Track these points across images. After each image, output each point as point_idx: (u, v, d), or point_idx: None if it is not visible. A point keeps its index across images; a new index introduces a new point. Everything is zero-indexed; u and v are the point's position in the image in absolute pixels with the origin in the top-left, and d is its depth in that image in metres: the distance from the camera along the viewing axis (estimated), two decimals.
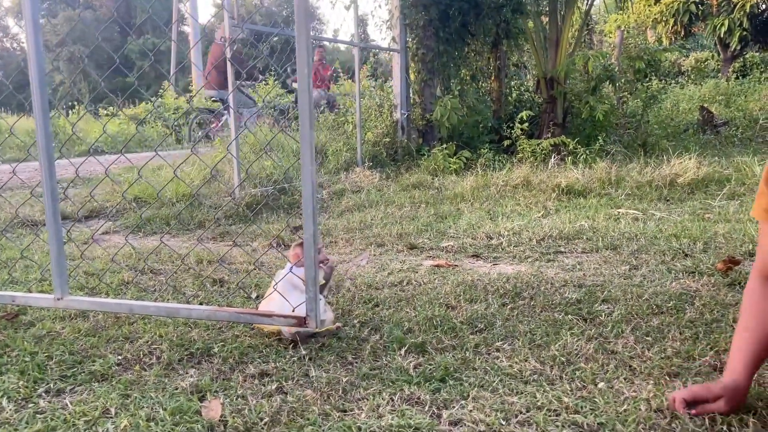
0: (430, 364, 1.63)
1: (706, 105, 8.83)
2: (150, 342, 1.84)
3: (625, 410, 1.36)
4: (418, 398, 1.46)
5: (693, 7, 12.66)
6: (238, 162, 4.17)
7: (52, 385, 1.56)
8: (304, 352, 1.72)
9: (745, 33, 11.44)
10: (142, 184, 4.33)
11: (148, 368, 1.66)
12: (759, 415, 1.32)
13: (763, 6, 11.69)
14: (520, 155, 5.88)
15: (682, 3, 12.61)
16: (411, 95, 6.54)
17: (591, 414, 1.35)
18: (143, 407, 1.43)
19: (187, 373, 1.63)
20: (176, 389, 1.53)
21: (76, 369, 1.66)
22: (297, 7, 1.59)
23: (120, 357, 1.74)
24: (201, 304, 2.22)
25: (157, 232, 3.64)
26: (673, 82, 12.02)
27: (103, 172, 2.26)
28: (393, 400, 1.45)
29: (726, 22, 11.54)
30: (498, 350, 1.73)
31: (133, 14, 31.48)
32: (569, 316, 1.98)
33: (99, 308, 1.91)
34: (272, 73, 10.22)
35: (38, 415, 1.41)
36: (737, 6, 11.36)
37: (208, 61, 8.29)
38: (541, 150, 5.78)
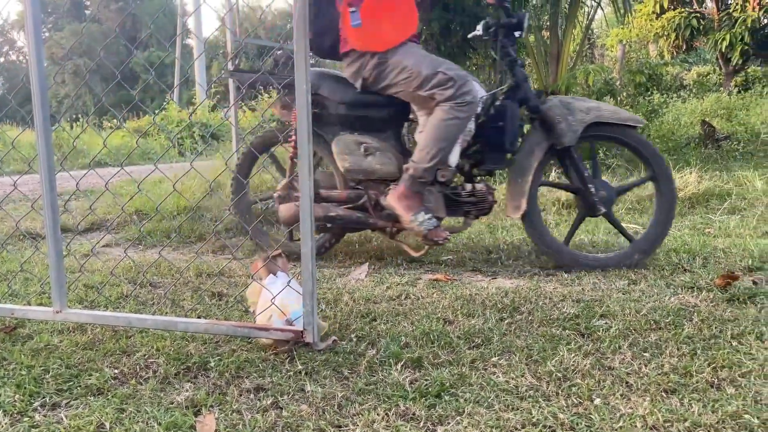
0: (426, 380, 1.63)
1: (707, 119, 8.84)
2: (147, 356, 1.84)
3: (620, 427, 1.36)
4: (413, 414, 1.45)
5: (694, 22, 12.69)
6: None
7: (48, 399, 1.56)
8: (300, 367, 1.72)
9: (746, 47, 11.43)
10: (144, 197, 4.34)
11: (145, 382, 1.66)
12: None
13: (765, 21, 11.71)
14: None
15: (683, 17, 12.64)
16: None
17: (586, 431, 1.35)
18: (138, 422, 1.43)
19: (182, 387, 1.63)
20: (172, 403, 1.53)
21: (72, 383, 1.66)
22: (296, 20, 1.61)
23: (117, 371, 1.74)
24: (199, 317, 2.22)
25: (157, 245, 3.65)
26: (675, 96, 12.03)
27: (104, 185, 2.27)
28: (388, 416, 1.44)
29: (727, 37, 11.54)
30: (495, 365, 1.72)
31: (138, 27, 31.74)
32: (567, 331, 1.97)
33: (97, 321, 1.91)
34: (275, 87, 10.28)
35: (33, 429, 1.41)
36: (738, 21, 11.38)
37: None
38: None
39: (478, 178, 3.01)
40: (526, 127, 2.98)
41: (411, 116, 3.03)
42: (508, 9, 2.84)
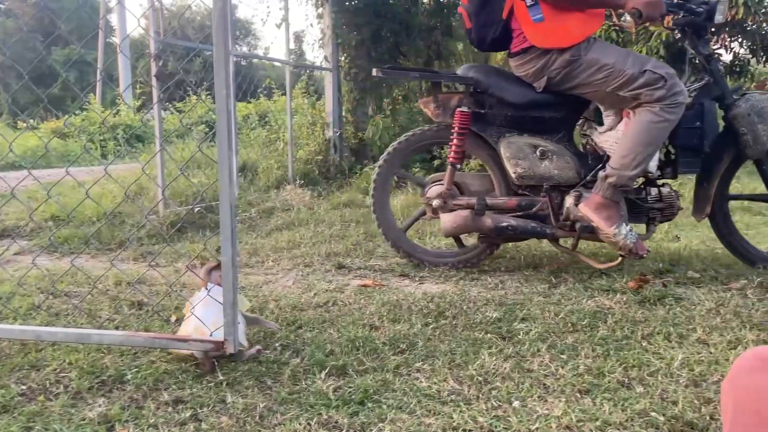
0: (349, 387, 1.63)
1: None
2: (58, 370, 1.75)
3: (537, 428, 1.40)
4: (336, 422, 1.45)
5: (614, 34, 13.27)
6: (163, 178, 4.06)
7: None
8: (221, 378, 1.68)
9: (661, 59, 12.09)
10: (61, 202, 4.15)
11: (54, 398, 1.58)
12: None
13: (678, 35, 12.37)
14: None
15: (603, 30, 13.22)
16: (343, 114, 6.56)
17: None
18: None
19: (96, 402, 1.56)
20: (83, 420, 1.46)
21: None
22: (216, 19, 1.58)
23: (24, 387, 1.65)
24: (117, 328, 2.14)
25: (74, 252, 3.49)
26: None
27: (18, 189, 2.16)
28: (310, 425, 1.43)
29: (644, 50, 12.15)
30: (418, 371, 1.74)
31: (58, 24, 30.29)
32: (489, 335, 2.02)
33: (2, 335, 1.81)
34: (204, 88, 10.06)
35: None
36: (654, 35, 12.01)
37: None
38: (469, 169, 5.90)
39: (662, 181, 2.76)
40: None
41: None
42: (693, 9, 2.57)
